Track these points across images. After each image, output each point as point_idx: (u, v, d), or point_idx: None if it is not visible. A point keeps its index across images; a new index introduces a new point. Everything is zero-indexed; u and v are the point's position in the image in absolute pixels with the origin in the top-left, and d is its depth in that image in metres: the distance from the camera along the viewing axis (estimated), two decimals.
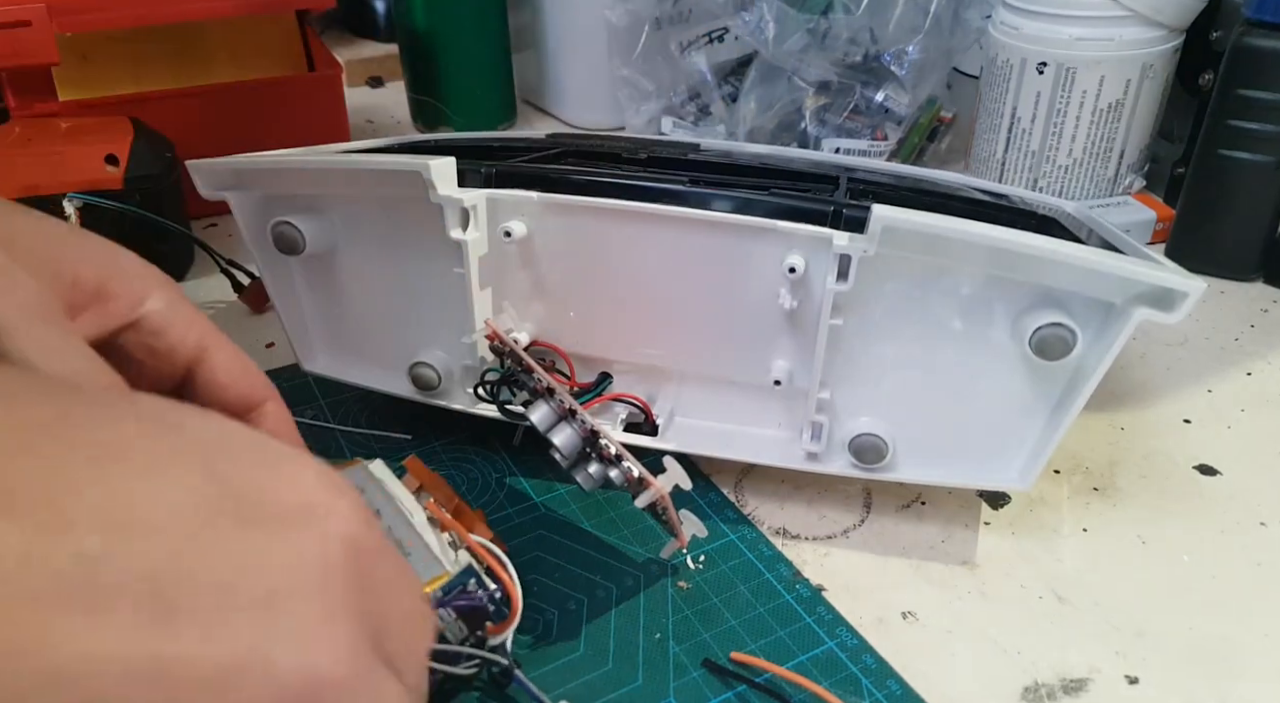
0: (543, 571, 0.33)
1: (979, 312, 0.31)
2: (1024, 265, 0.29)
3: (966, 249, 0.29)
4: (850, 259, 0.30)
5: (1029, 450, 0.32)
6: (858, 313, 0.31)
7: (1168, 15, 0.51)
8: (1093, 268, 0.28)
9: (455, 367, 0.36)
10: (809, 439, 0.34)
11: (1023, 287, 0.30)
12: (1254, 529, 0.35)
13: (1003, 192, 0.43)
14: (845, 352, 0.32)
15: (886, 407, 0.33)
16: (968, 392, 0.32)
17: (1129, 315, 0.29)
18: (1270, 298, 0.50)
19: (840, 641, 0.30)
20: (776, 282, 0.31)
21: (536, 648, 0.30)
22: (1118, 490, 0.37)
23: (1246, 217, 0.49)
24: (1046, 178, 0.56)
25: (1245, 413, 0.41)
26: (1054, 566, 0.33)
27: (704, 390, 0.36)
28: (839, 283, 0.30)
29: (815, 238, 0.30)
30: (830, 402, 0.33)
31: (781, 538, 0.34)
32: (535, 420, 0.31)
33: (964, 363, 0.31)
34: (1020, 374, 0.31)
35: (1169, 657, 0.30)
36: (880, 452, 0.32)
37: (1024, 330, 0.29)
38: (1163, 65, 0.53)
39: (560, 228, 0.33)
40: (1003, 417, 0.32)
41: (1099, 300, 0.29)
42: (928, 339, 0.31)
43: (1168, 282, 0.28)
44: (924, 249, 0.30)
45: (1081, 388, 0.30)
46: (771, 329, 0.33)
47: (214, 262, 0.48)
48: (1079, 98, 0.53)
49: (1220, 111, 0.48)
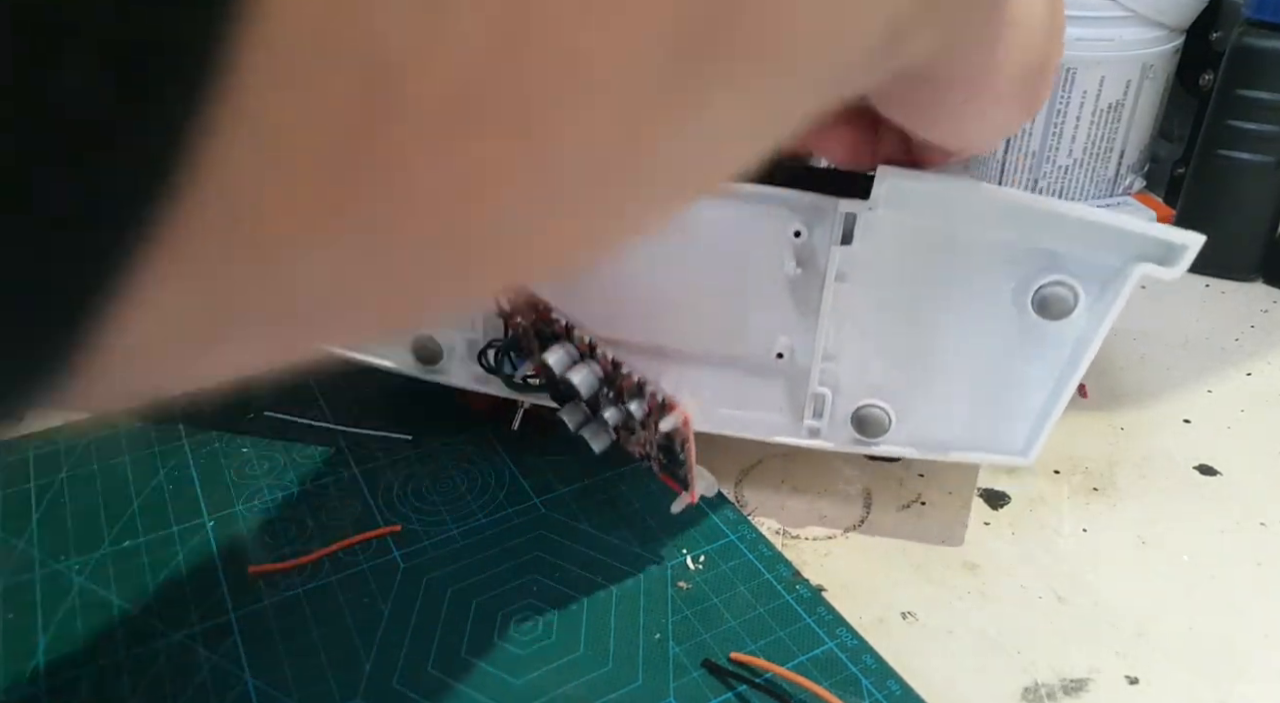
0: (543, 571, 0.33)
1: (983, 278, 0.31)
2: (1029, 222, 0.29)
3: (971, 207, 0.30)
4: (855, 218, 0.30)
5: (1031, 422, 0.32)
6: (861, 279, 0.31)
7: (1168, 15, 0.51)
8: (1095, 222, 0.29)
9: (458, 341, 0.36)
10: (810, 415, 0.33)
11: (1027, 251, 0.30)
12: (1254, 529, 0.35)
13: None
14: (848, 319, 0.32)
15: (889, 378, 0.33)
16: (970, 362, 0.32)
17: (1129, 272, 0.29)
18: (1270, 298, 0.50)
19: (840, 641, 0.30)
20: (781, 250, 0.31)
21: (536, 648, 0.30)
22: (1118, 491, 0.37)
23: (1247, 217, 0.49)
24: (1046, 178, 0.56)
25: (1245, 413, 0.41)
26: (1054, 566, 0.33)
27: (706, 371, 0.35)
28: (843, 244, 0.30)
29: (821, 204, 0.30)
30: (832, 372, 0.33)
31: (781, 538, 0.34)
32: (553, 364, 0.30)
33: (967, 332, 0.32)
34: (1023, 341, 0.31)
35: (1169, 657, 0.30)
36: (883, 424, 0.32)
37: (1026, 289, 0.30)
38: (1163, 65, 0.53)
39: None
40: (1005, 386, 0.32)
41: (1099, 260, 0.30)
42: (931, 307, 0.31)
43: (1167, 234, 0.28)
44: (929, 210, 0.30)
45: (1084, 351, 0.30)
46: (775, 301, 0.33)
47: None
48: (1079, 98, 0.53)
49: (1220, 112, 0.48)
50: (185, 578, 0.32)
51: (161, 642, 0.30)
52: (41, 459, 0.38)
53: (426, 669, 0.29)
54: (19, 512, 0.35)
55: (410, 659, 0.29)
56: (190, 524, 0.34)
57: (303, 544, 0.33)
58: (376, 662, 0.29)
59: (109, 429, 0.40)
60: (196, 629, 0.30)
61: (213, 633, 0.30)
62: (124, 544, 0.34)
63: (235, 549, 0.33)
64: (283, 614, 0.31)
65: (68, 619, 0.31)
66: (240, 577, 0.32)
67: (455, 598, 0.31)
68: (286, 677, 0.29)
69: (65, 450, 0.39)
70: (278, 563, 0.33)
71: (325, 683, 0.28)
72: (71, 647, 0.30)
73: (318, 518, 0.35)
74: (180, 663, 0.29)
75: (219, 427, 0.40)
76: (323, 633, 0.30)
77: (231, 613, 0.31)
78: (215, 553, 0.33)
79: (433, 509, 0.35)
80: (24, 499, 0.36)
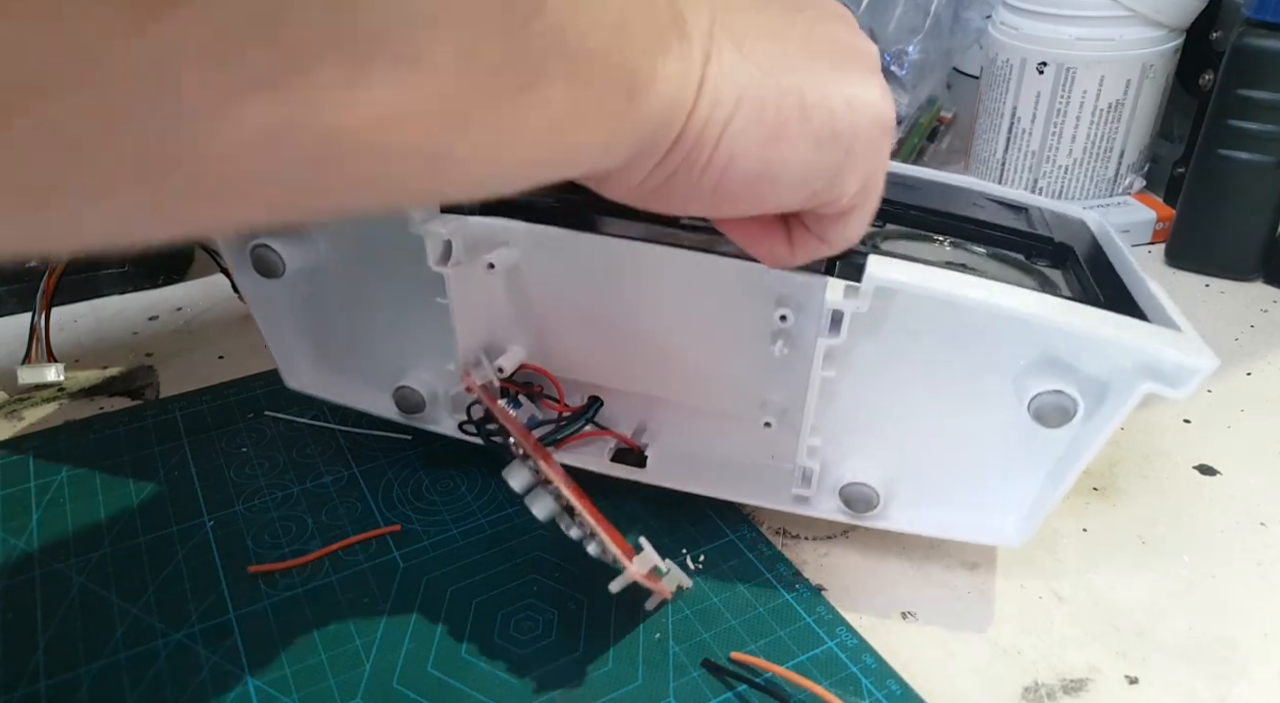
0: (543, 571, 0.33)
1: (977, 365, 0.30)
2: (1025, 333, 0.28)
3: (964, 314, 0.28)
4: (843, 314, 0.28)
5: (1025, 510, 0.31)
6: (850, 363, 0.30)
7: (1168, 15, 0.51)
8: (1099, 341, 0.27)
9: (441, 391, 0.36)
10: (799, 482, 0.33)
11: (1025, 357, 0.29)
12: (1254, 529, 0.35)
13: (1021, 202, 0.41)
14: (837, 400, 0.31)
15: (879, 455, 0.32)
16: (962, 445, 0.31)
17: (1133, 388, 0.27)
18: (1270, 298, 0.50)
19: (840, 640, 0.30)
20: (768, 321, 0.31)
21: (536, 648, 0.30)
22: (1118, 491, 0.37)
23: (1246, 217, 0.49)
24: (1047, 178, 0.56)
25: (1245, 413, 0.41)
26: (1054, 565, 0.33)
27: (695, 419, 0.35)
28: (831, 336, 0.29)
29: (808, 284, 0.30)
30: (820, 449, 0.32)
31: (781, 538, 0.34)
32: (513, 484, 0.29)
33: (959, 416, 0.31)
34: (1017, 432, 0.30)
35: (1169, 657, 0.30)
36: (870, 502, 0.32)
37: (1023, 393, 0.28)
38: (1163, 65, 0.53)
39: (549, 258, 0.32)
40: (998, 473, 0.31)
41: (1102, 374, 0.28)
42: (922, 390, 0.31)
43: (1176, 359, 0.27)
44: (921, 311, 0.29)
45: (1080, 454, 0.29)
46: (763, 366, 0.32)
47: (213, 261, 0.48)
48: (1079, 98, 0.53)
49: (1220, 111, 0.48)
50: (185, 578, 0.32)
51: (161, 642, 0.30)
52: (41, 459, 0.38)
53: (426, 669, 0.29)
54: (19, 512, 0.35)
55: (410, 660, 0.29)
56: (190, 524, 0.34)
57: (302, 544, 0.33)
58: (376, 662, 0.29)
59: (109, 429, 0.40)
60: (196, 629, 0.30)
61: (213, 633, 0.30)
62: (124, 544, 0.34)
63: (235, 549, 0.33)
64: (283, 614, 0.31)
65: (68, 619, 0.31)
66: (240, 577, 0.32)
67: (455, 598, 0.31)
68: (286, 677, 0.29)
69: (65, 450, 0.39)
70: (277, 563, 0.33)
71: (325, 683, 0.28)
72: (71, 647, 0.30)
73: (317, 518, 0.35)
74: (180, 663, 0.29)
75: (219, 427, 0.40)
76: (323, 633, 0.30)
77: (231, 613, 0.31)
78: (215, 553, 0.33)
79: (433, 509, 0.35)
80: (24, 499, 0.36)
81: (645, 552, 0.28)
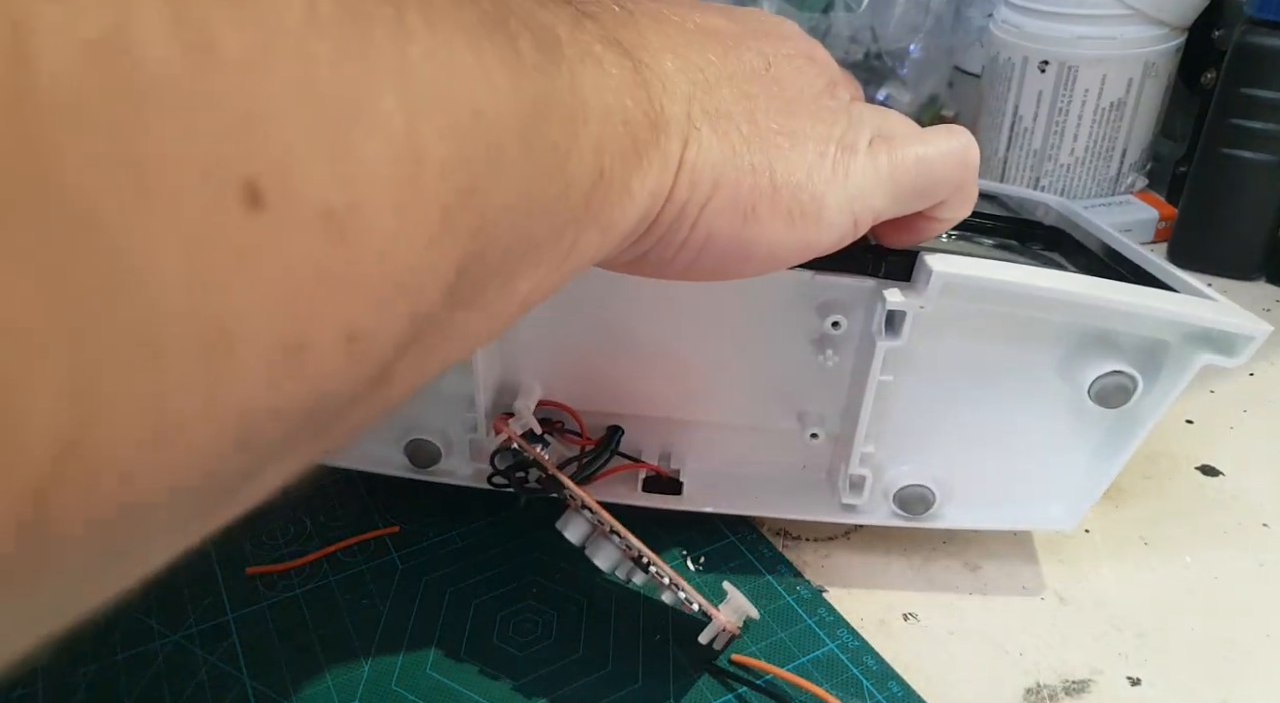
0: (542, 572, 0.32)
1: (1037, 365, 0.30)
2: (1088, 314, 0.28)
3: (1019, 302, 0.28)
4: (905, 315, 0.28)
5: (1076, 493, 0.31)
6: (907, 369, 0.30)
7: (1170, 14, 0.51)
8: (1161, 317, 0.28)
9: (456, 437, 0.33)
10: (847, 491, 0.32)
11: (1083, 340, 0.29)
12: (1256, 530, 0.35)
13: (989, 191, 0.41)
14: (891, 404, 0.31)
15: (930, 455, 0.32)
16: (1017, 437, 0.31)
17: (1190, 359, 0.28)
18: (1273, 297, 0.50)
19: (841, 642, 0.30)
20: (809, 329, 0.30)
21: (536, 650, 0.30)
22: (1120, 491, 0.37)
23: (1249, 216, 0.49)
24: (1048, 176, 0.56)
25: (1247, 413, 0.41)
26: (1055, 566, 0.33)
27: (721, 436, 0.34)
28: (890, 338, 0.28)
29: (857, 289, 0.29)
30: (873, 455, 0.31)
31: (782, 539, 0.34)
32: (570, 536, 0.29)
33: (1014, 408, 0.31)
34: (1071, 417, 0.30)
35: (1171, 658, 0.30)
36: (927, 502, 0.32)
37: (1081, 378, 0.29)
38: (1165, 64, 0.53)
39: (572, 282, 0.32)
40: (1051, 460, 0.31)
41: (1156, 343, 0.29)
42: (977, 386, 0.30)
43: (1234, 327, 0.27)
44: (982, 300, 0.28)
45: (1137, 430, 0.29)
46: (803, 376, 0.32)
47: None
48: (1081, 96, 0.53)
49: (1223, 110, 0.48)
50: (183, 579, 0.32)
51: (159, 643, 0.30)
52: None
53: (425, 671, 0.29)
54: None
55: (409, 661, 0.29)
56: None
57: (301, 545, 0.33)
58: (375, 663, 0.29)
59: None
60: (194, 630, 0.30)
61: (211, 634, 0.30)
62: None
63: (233, 550, 0.33)
64: (281, 615, 0.31)
65: None
66: (238, 578, 0.32)
67: (454, 599, 0.31)
68: (285, 678, 0.28)
69: None
70: (276, 564, 0.32)
71: (324, 684, 0.28)
72: (70, 647, 0.29)
73: (316, 518, 0.35)
74: (178, 664, 0.29)
75: None
76: (321, 634, 0.30)
77: (229, 614, 0.31)
78: (213, 554, 0.33)
79: (431, 510, 0.35)
80: None
81: (733, 599, 0.28)
